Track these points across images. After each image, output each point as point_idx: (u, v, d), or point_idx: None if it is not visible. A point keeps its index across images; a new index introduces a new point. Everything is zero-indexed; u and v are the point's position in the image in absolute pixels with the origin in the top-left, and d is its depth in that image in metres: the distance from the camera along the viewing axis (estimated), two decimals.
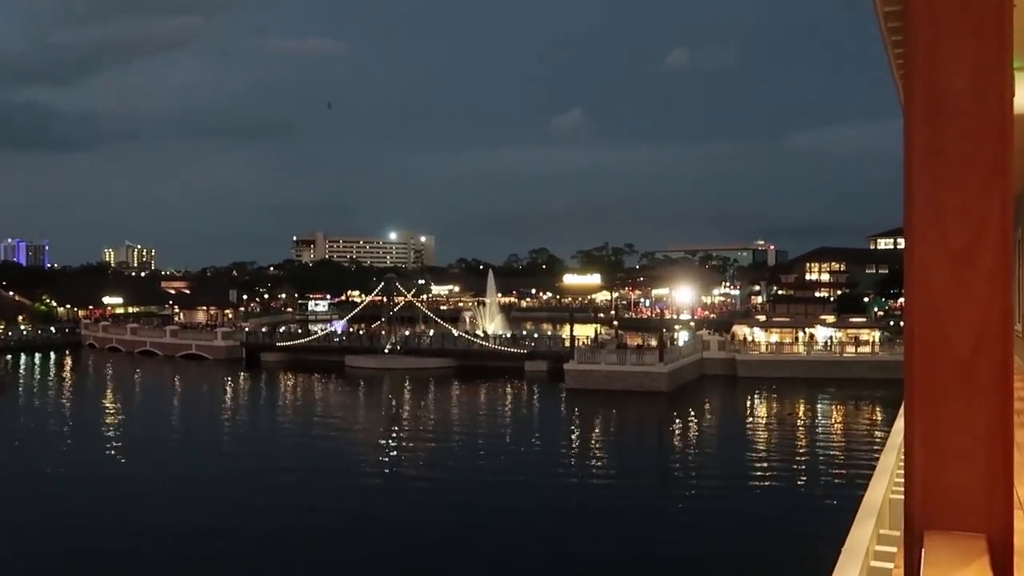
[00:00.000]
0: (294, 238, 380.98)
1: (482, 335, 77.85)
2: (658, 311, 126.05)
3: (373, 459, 35.89)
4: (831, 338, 68.42)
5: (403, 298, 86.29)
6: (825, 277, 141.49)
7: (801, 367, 63.97)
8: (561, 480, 31.54)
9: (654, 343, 64.20)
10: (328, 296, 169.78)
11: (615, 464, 35.05)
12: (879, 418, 48.38)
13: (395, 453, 37.31)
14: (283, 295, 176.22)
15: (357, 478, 32.17)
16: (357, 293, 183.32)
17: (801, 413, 50.91)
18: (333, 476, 32.57)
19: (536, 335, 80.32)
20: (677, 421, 47.74)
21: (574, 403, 54.33)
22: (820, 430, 44.36)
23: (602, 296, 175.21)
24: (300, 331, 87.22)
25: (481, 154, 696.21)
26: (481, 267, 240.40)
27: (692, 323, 78.16)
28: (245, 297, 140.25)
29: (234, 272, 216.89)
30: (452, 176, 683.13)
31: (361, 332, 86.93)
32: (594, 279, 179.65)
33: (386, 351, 75.36)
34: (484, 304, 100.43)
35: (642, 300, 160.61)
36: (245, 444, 39.61)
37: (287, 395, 60.34)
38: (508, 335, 76.98)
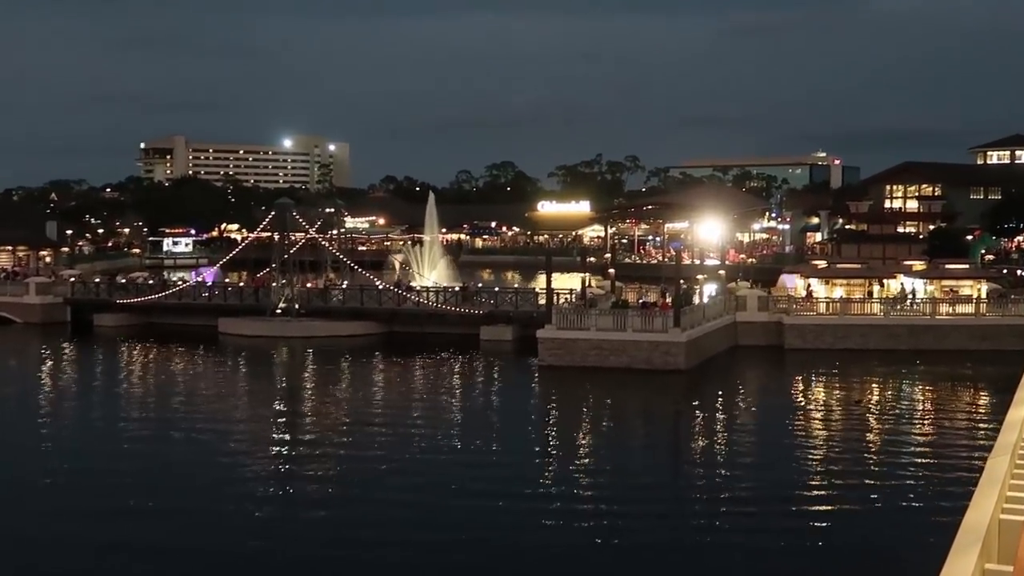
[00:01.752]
0: (141, 146, 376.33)
1: (419, 288, 78.14)
2: (673, 254, 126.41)
3: (255, 477, 35.91)
4: (917, 292, 69.52)
5: (303, 234, 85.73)
6: (912, 205, 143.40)
7: (876, 334, 65.05)
8: (532, 508, 31.78)
9: (667, 300, 64.72)
10: (193, 231, 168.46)
11: (611, 481, 35.35)
12: (985, 407, 49.45)
13: (287, 468, 37.29)
14: (126, 229, 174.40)
15: (231, 504, 32.13)
16: (236, 227, 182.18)
17: (875, 399, 51.86)
18: (196, 502, 32.51)
19: (497, 288, 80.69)
20: (699, 413, 48.36)
21: (551, 387, 54.70)
22: (902, 424, 45.24)
23: (593, 232, 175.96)
24: (152, 282, 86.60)
25: (413, 23, 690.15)
26: (417, 189, 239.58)
27: (722, 271, 78.65)
28: (70, 232, 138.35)
29: (52, 196, 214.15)
30: (372, 56, 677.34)
31: (242, 284, 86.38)
32: (581, 208, 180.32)
33: (279, 312, 75.22)
34: (422, 243, 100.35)
35: (650, 238, 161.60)
36: (62, 453, 39.40)
37: (131, 377, 60.07)
38: (457, 288, 77.33)
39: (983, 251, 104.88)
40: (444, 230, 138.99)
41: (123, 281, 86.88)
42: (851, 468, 36.48)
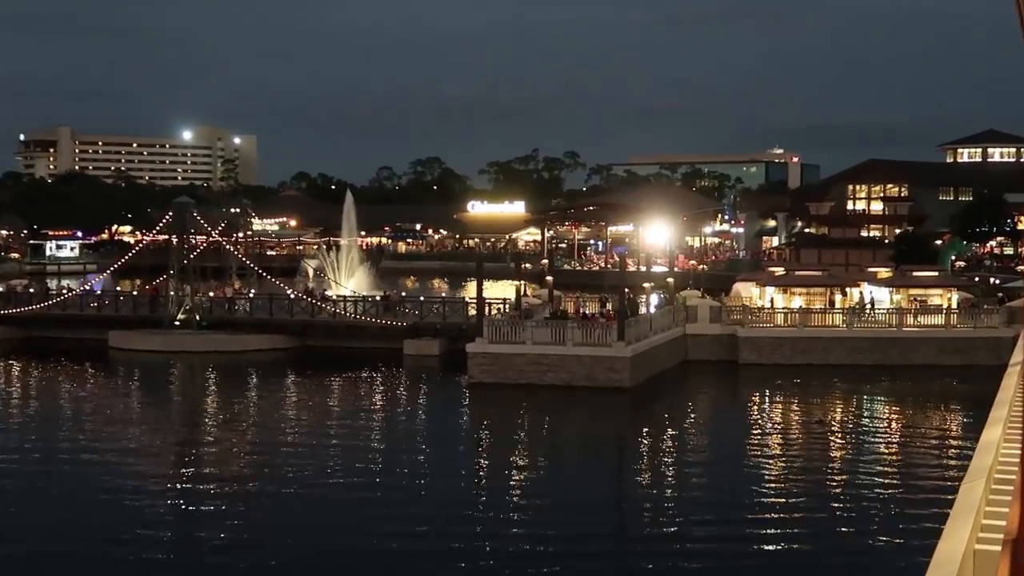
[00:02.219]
0: (20, 137, 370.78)
1: (336, 298, 77.94)
2: (617, 259, 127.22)
3: (153, 518, 35.33)
4: (883, 302, 70.49)
5: (205, 237, 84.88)
6: (877, 207, 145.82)
7: (839, 348, 65.90)
8: (461, 543, 31.63)
9: (610, 310, 65.09)
10: (79, 234, 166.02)
11: (549, 512, 35.35)
12: (957, 427, 50.29)
13: (188, 506, 36.81)
14: (2, 231, 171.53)
15: (124, 550, 31.47)
16: (128, 229, 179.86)
17: (838, 419, 52.47)
18: (84, 548, 31.79)
19: (423, 298, 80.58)
20: (646, 435, 48.61)
21: (483, 407, 54.78)
22: (868, 446, 45.84)
23: (528, 236, 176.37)
24: (33, 291, 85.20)
25: (329, 4, 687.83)
26: (333, 187, 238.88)
27: (670, 279, 79.25)
28: None
29: None
30: (283, 41, 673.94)
31: (135, 292, 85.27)
32: (516, 209, 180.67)
33: (177, 324, 74.47)
34: (338, 248, 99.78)
35: (591, 243, 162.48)
36: None
37: (7, 400, 58.95)
38: (378, 297, 77.18)
39: (953, 257, 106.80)
40: (363, 233, 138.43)
41: (1, 290, 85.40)
42: (812, 495, 36.83)
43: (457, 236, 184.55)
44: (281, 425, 50.22)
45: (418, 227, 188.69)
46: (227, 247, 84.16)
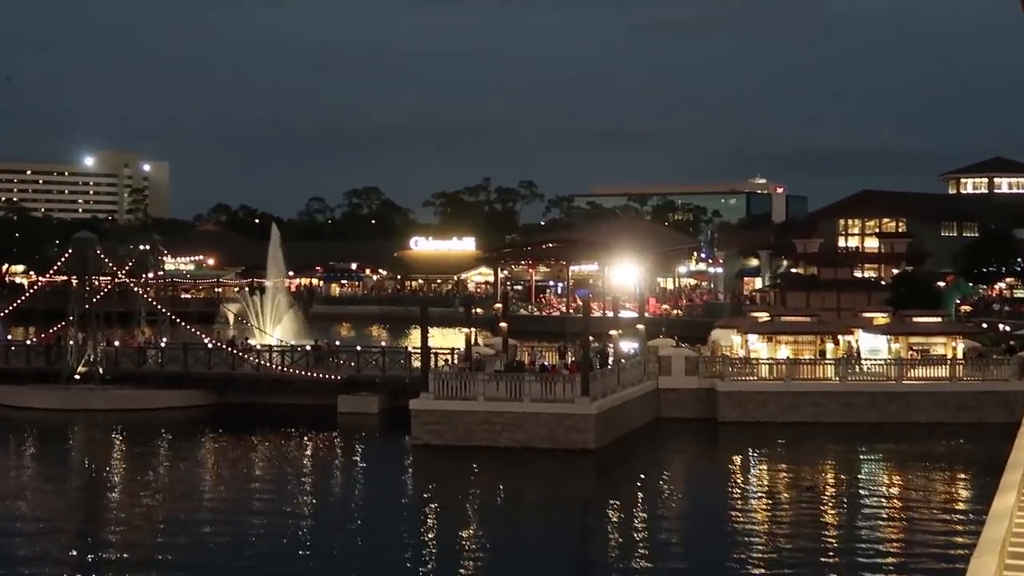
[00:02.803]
0: None
1: (260, 348, 77.73)
2: (580, 304, 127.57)
3: None
4: (876, 351, 70.95)
5: (110, 278, 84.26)
6: (872, 244, 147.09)
7: (831, 404, 66.19)
8: None
9: (573, 361, 65.15)
10: None
11: None
12: (965, 494, 50.51)
13: None
14: None
15: None
16: (21, 269, 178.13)
17: (830, 485, 52.67)
18: None
19: (360, 348, 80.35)
20: (614, 504, 48.51)
21: (429, 473, 54.65)
22: (864, 516, 45.89)
23: (480, 277, 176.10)
24: None
25: (252, 14, 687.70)
26: (257, 221, 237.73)
27: (640, 326, 79.35)
28: None
29: None
30: (200, 55, 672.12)
31: (29, 342, 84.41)
32: (465, 245, 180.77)
33: (77, 377, 73.84)
34: (263, 290, 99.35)
35: (551, 284, 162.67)
36: None
37: None
38: (308, 347, 77.01)
39: (958, 300, 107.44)
40: (291, 273, 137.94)
41: None
42: (803, 573, 36.90)
43: (398, 277, 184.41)
44: (196, 494, 49.82)
45: (354, 266, 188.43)
46: (135, 289, 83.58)
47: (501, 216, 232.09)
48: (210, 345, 77.04)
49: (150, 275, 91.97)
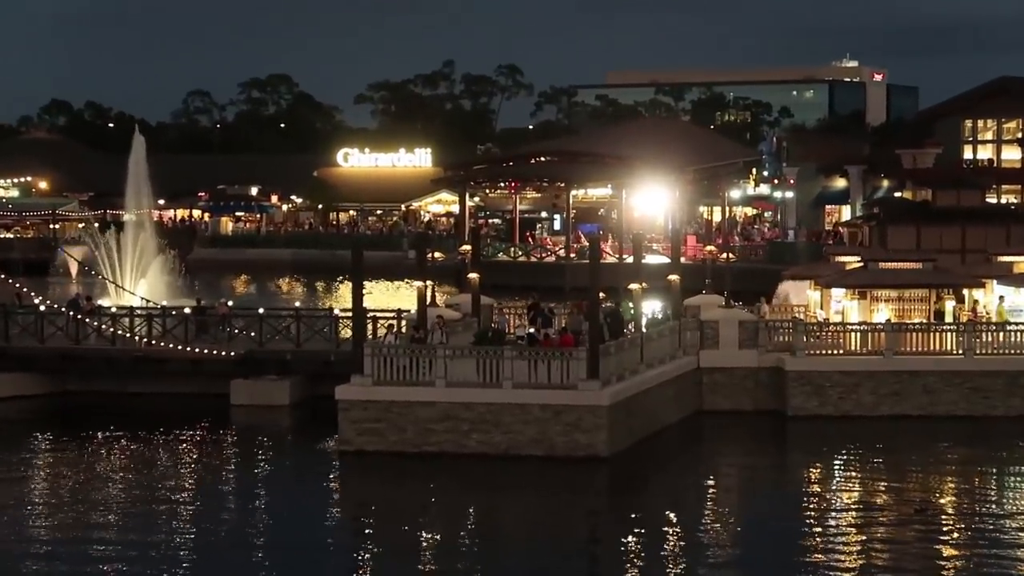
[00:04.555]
0: None
1: (116, 311, 77.60)
2: (586, 244, 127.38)
3: None
4: (1019, 311, 70.86)
5: None
6: (1012, 155, 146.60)
7: (951, 390, 66.39)
8: None
9: (565, 329, 64.70)
10: None
11: None
12: None
13: None
14: None
15: None
16: None
17: (949, 509, 52.45)
18: None
19: (263, 310, 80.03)
20: (634, 537, 48.53)
21: (364, 493, 54.78)
22: (1000, 550, 45.86)
23: (439, 206, 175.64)
24: None
25: None
26: (111, 126, 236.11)
27: (674, 276, 78.97)
28: None
29: None
30: None
31: None
32: (418, 160, 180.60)
33: None
34: (121, 227, 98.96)
35: (544, 216, 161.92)
36: None
37: None
38: (187, 310, 76.96)
39: None
40: (163, 202, 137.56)
41: None
42: None
43: (319, 207, 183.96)
44: (24, 522, 49.64)
45: (254, 192, 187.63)
46: None
47: (470, 118, 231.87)
48: (43, 308, 76.63)
49: None
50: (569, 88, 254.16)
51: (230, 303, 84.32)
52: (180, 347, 71.98)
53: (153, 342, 72.91)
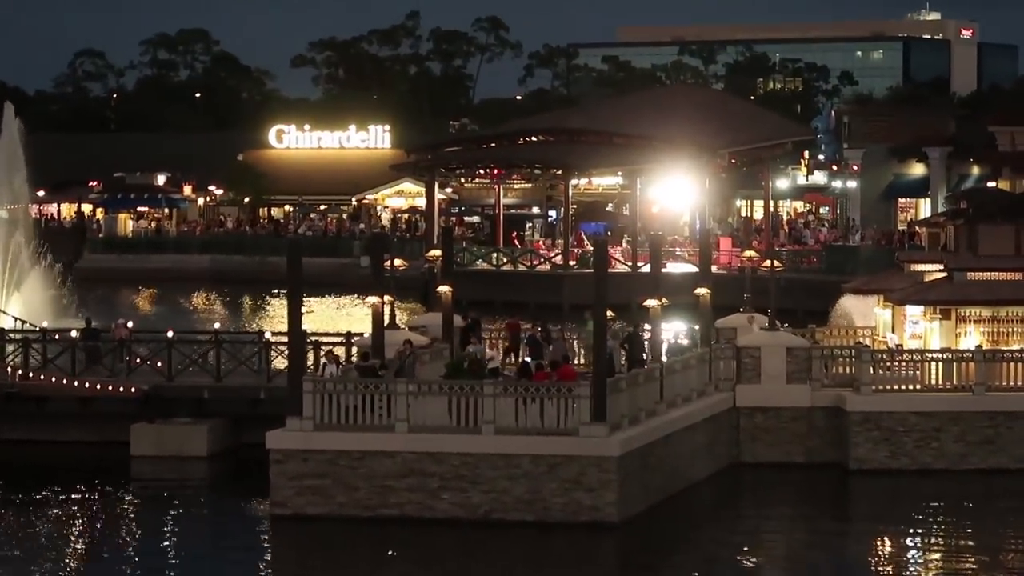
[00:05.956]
0: None
1: None
2: (589, 248, 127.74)
3: None
4: None
5: None
6: None
7: None
8: None
9: (552, 362, 64.96)
10: None
11: None
12: None
13: None
14: None
15: None
16: None
17: None
18: None
19: (173, 334, 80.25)
20: None
21: (301, 575, 54.71)
22: None
23: (399, 199, 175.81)
24: None
25: None
26: None
27: (703, 289, 79.55)
28: None
29: None
30: None
31: None
32: (373, 140, 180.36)
33: None
34: None
35: (536, 213, 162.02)
36: None
37: None
38: (74, 333, 77.27)
39: None
40: (43, 194, 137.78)
41: None
42: None
43: (246, 200, 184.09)
44: None
45: (162, 180, 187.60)
46: None
47: (440, 85, 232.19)
48: None
49: None
50: (568, 48, 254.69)
51: (130, 324, 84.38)
52: (65, 381, 72.06)
53: (30, 375, 72.99)
